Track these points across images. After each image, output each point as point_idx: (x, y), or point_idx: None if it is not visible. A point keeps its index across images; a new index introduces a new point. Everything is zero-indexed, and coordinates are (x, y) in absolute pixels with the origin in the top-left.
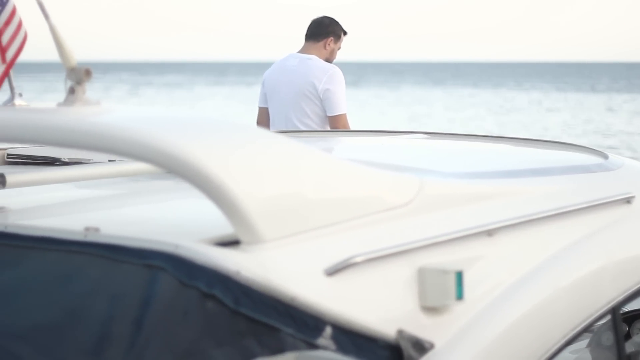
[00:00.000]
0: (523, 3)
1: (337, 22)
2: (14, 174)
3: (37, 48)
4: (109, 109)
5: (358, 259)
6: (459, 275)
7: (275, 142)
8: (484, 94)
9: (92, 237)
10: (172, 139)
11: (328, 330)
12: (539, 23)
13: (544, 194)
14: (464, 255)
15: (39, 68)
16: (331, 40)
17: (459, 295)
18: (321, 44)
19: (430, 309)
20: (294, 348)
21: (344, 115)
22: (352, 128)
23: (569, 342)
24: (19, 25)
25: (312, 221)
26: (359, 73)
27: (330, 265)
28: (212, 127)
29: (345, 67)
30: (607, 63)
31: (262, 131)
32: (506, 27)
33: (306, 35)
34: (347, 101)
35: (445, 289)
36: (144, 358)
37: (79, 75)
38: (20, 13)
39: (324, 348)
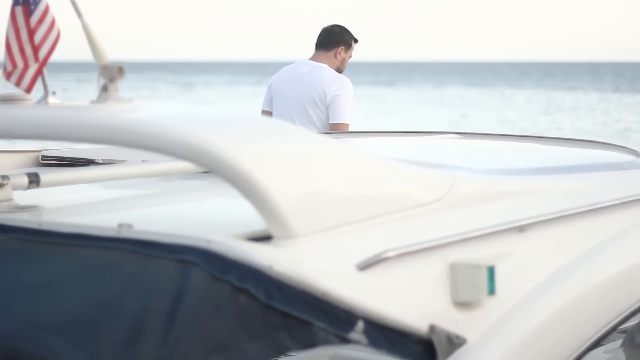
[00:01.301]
0: (524, 1)
1: (347, 31)
2: (47, 174)
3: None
4: (142, 106)
5: (390, 254)
6: (491, 270)
7: (308, 138)
8: (524, 94)
9: (125, 234)
10: (205, 135)
11: (360, 325)
12: (546, 20)
13: (576, 190)
14: (496, 251)
15: (74, 67)
16: (342, 49)
17: (491, 291)
18: (332, 53)
19: (462, 304)
20: (326, 342)
21: (346, 125)
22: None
23: (601, 340)
24: (52, 23)
25: (344, 216)
26: (377, 72)
27: (362, 260)
28: (245, 124)
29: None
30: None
31: (295, 127)
32: (506, 26)
33: (316, 45)
34: (353, 112)
35: (477, 284)
36: (176, 352)
37: (111, 73)
38: (54, 11)
39: (356, 342)
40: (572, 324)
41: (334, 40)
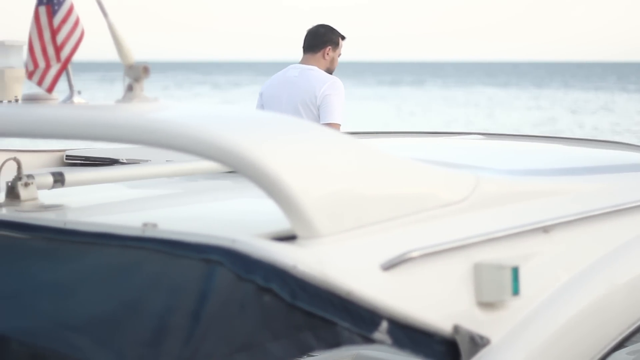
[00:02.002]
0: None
1: (332, 29)
2: (72, 173)
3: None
4: (167, 105)
5: (414, 254)
6: (515, 271)
7: (333, 138)
8: (552, 95)
9: (150, 233)
10: (230, 134)
11: (384, 325)
12: (557, 18)
13: (600, 191)
14: (520, 252)
15: (100, 67)
16: (329, 49)
17: (515, 291)
18: (320, 54)
19: (486, 305)
20: (350, 342)
21: (338, 125)
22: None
23: (625, 341)
24: (76, 23)
25: (368, 216)
26: (397, 72)
27: (387, 260)
28: (270, 123)
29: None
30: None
31: (319, 127)
32: (506, 25)
33: (304, 48)
34: (344, 113)
35: (502, 285)
36: (201, 351)
37: (137, 73)
38: (78, 11)
39: (380, 342)
40: (596, 324)
41: (320, 41)
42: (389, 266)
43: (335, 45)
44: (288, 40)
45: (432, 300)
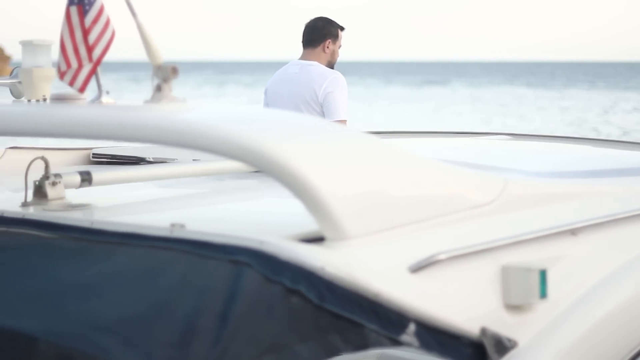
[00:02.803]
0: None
1: (331, 21)
2: (99, 172)
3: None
4: (195, 106)
5: (442, 257)
6: (543, 274)
7: (361, 140)
8: (580, 94)
9: (177, 233)
10: (259, 136)
11: (411, 327)
12: (545, 19)
13: (628, 193)
14: (548, 254)
15: (128, 67)
16: (329, 42)
17: (543, 294)
18: (320, 48)
19: (514, 307)
20: (377, 344)
21: (344, 122)
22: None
23: None
24: (107, 23)
25: (396, 218)
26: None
27: (415, 262)
28: (298, 124)
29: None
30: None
31: (348, 129)
32: (506, 24)
33: (303, 43)
34: (348, 108)
35: (529, 287)
36: (229, 352)
37: (165, 73)
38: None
39: (408, 345)
40: (623, 327)
41: (319, 35)
42: (417, 268)
43: (335, 37)
44: (294, 41)
45: (459, 302)
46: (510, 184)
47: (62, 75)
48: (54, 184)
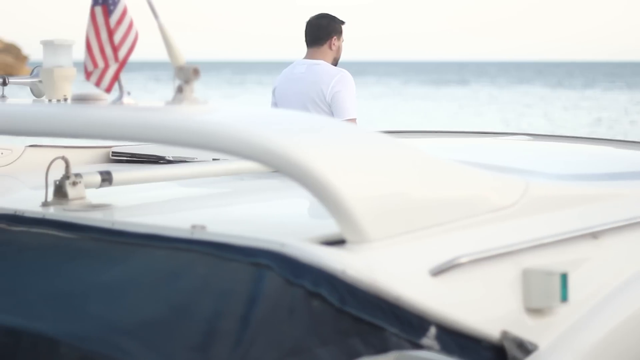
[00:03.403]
0: None
1: (334, 17)
2: (120, 172)
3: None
4: (217, 107)
5: (463, 260)
6: (564, 277)
7: (383, 143)
8: (601, 95)
9: (198, 235)
10: (280, 138)
11: (432, 330)
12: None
13: None
14: (569, 257)
15: (147, 66)
16: (334, 38)
17: (564, 297)
18: (326, 46)
19: (535, 311)
20: (398, 347)
21: (354, 120)
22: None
23: None
24: (130, 24)
25: (418, 221)
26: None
27: (436, 265)
28: (319, 127)
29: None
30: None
31: (369, 132)
32: (514, 22)
33: (308, 41)
34: (357, 106)
35: (550, 291)
36: (250, 355)
37: (187, 74)
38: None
39: (428, 348)
40: None
41: (325, 32)
42: (438, 272)
43: (340, 33)
44: (296, 40)
45: (480, 306)
46: (531, 187)
47: (88, 75)
48: (74, 183)
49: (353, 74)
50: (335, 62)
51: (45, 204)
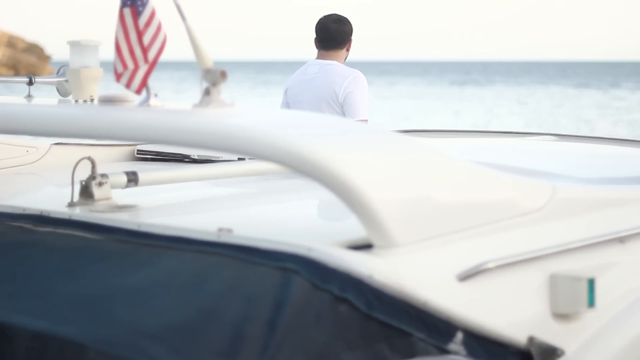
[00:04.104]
0: None
1: (347, 19)
2: (145, 173)
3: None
4: (244, 110)
5: (490, 265)
6: (591, 283)
7: (410, 147)
8: (631, 96)
9: (225, 238)
10: (308, 142)
11: (459, 336)
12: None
13: None
14: (596, 262)
15: (174, 67)
16: (350, 39)
17: (591, 303)
18: (344, 49)
19: (562, 316)
20: (425, 353)
21: (366, 121)
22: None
23: None
24: (159, 26)
25: (445, 226)
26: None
27: (463, 270)
28: (347, 131)
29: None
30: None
31: (396, 135)
32: (510, 22)
33: (324, 45)
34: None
35: (577, 296)
36: None
37: (214, 77)
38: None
39: (455, 353)
40: None
41: (346, 37)
42: (465, 277)
43: (352, 32)
44: (300, 40)
45: (507, 311)
46: (558, 191)
47: (118, 77)
48: (100, 184)
49: (366, 74)
50: (345, 59)
51: (71, 204)
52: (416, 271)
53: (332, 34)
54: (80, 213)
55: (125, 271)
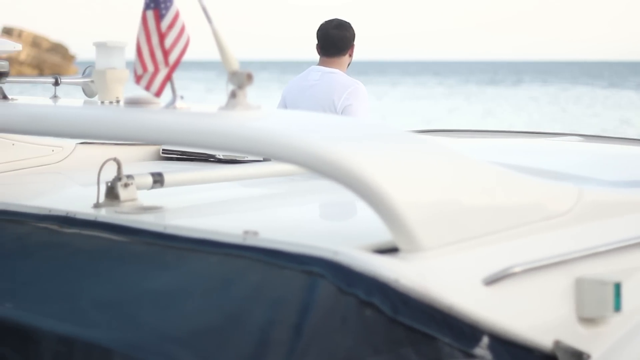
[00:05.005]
0: None
1: (349, 24)
2: (171, 174)
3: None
4: (270, 113)
5: (517, 269)
6: (618, 287)
7: (436, 149)
8: None
9: (251, 241)
10: (334, 146)
11: (485, 340)
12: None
13: None
14: (622, 266)
15: (201, 66)
16: (353, 45)
17: (617, 307)
18: (346, 55)
19: (588, 320)
20: (450, 357)
21: None
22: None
23: None
24: (182, 28)
25: (471, 230)
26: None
27: (489, 274)
28: (373, 134)
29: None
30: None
31: (422, 138)
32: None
33: (325, 52)
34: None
35: (603, 300)
36: None
37: (240, 79)
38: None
39: (481, 358)
40: None
41: (347, 43)
42: (491, 281)
43: (355, 37)
44: (298, 40)
45: (533, 315)
46: (585, 194)
47: (138, 79)
48: (125, 185)
49: (386, 74)
50: (348, 65)
51: (96, 205)
52: (442, 275)
53: (333, 40)
54: (105, 214)
55: (151, 274)
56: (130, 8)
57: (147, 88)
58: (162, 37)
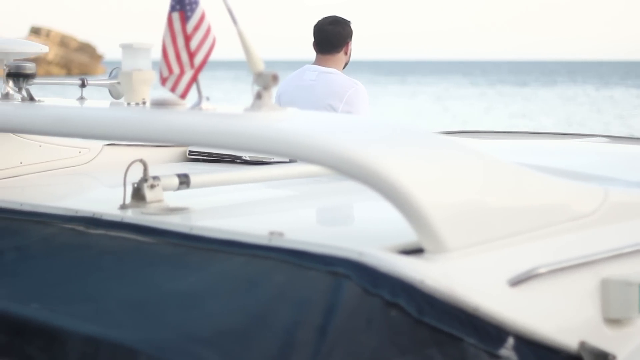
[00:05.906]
0: None
1: (345, 21)
2: (197, 175)
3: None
4: (295, 114)
5: (542, 270)
6: None
7: (461, 150)
8: None
9: (276, 242)
10: (360, 147)
11: (510, 341)
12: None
13: None
14: None
15: (228, 66)
16: (349, 42)
17: None
18: (341, 53)
19: (613, 321)
20: (476, 358)
21: None
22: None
23: None
24: (208, 30)
25: (496, 230)
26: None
27: (514, 275)
28: (399, 135)
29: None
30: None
31: (447, 138)
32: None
33: (320, 49)
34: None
35: (629, 301)
36: None
37: (266, 80)
38: (210, 18)
39: (506, 359)
40: None
41: (342, 40)
42: (516, 282)
43: (351, 35)
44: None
45: (558, 316)
46: (610, 195)
47: (163, 81)
48: (152, 186)
49: (392, 74)
50: (346, 65)
51: (123, 206)
52: (467, 276)
53: (328, 37)
54: (132, 216)
55: (177, 275)
56: (158, 8)
57: (173, 90)
58: (187, 39)
